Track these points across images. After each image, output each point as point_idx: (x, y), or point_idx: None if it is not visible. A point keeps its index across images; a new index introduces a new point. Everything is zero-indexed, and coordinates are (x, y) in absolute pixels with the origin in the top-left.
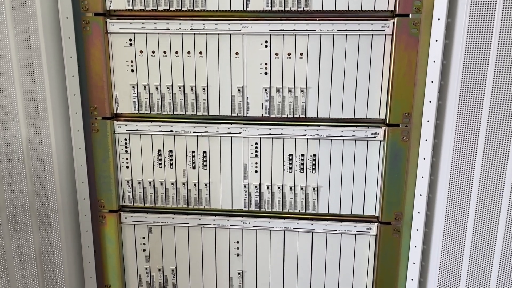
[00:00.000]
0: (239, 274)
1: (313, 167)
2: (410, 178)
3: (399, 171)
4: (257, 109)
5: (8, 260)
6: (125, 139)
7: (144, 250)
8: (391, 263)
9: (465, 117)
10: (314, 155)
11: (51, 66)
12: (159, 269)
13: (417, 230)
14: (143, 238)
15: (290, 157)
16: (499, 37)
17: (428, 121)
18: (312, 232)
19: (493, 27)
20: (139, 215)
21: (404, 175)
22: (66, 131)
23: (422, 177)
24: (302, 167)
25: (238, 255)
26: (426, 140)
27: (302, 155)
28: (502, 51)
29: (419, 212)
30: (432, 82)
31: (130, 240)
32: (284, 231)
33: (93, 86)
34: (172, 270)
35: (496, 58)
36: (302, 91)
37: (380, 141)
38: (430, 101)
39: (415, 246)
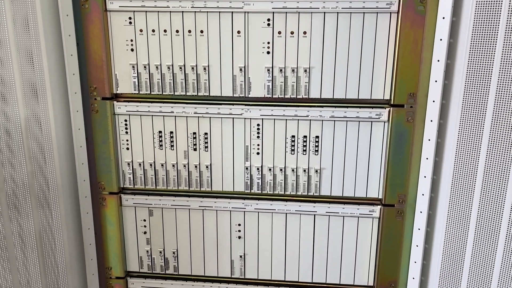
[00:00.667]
0: (240, 256)
1: (316, 149)
2: (415, 160)
3: (403, 152)
4: (259, 90)
5: (8, 241)
6: (125, 120)
7: (145, 233)
8: (394, 245)
9: (472, 97)
10: (317, 137)
11: (49, 45)
12: (160, 252)
13: (420, 212)
14: (144, 220)
15: (293, 139)
16: (508, 13)
17: (433, 101)
18: (314, 215)
19: (502, 2)
20: (140, 197)
21: (408, 157)
22: (65, 111)
23: (427, 158)
24: (304, 149)
25: (239, 237)
26: (431, 120)
27: (305, 136)
28: (511, 29)
29: (423, 194)
30: (438, 61)
31: (131, 222)
32: (286, 213)
33: (92, 65)
34: (173, 253)
35: (505, 36)
36: (305, 71)
37: (384, 122)
38: (436, 81)
39: (419, 229)
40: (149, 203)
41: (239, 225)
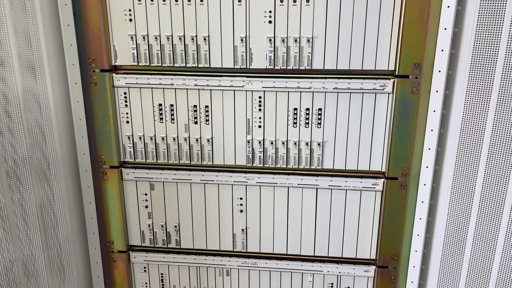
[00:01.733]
0: (242, 230)
1: (319, 121)
2: (419, 132)
3: (407, 124)
4: (261, 61)
5: (9, 215)
6: (125, 93)
7: (146, 207)
8: (397, 219)
9: (479, 67)
10: (320, 109)
11: (46, 14)
12: (162, 226)
13: (424, 185)
14: (145, 194)
15: (295, 111)
16: None
17: (439, 71)
18: (317, 188)
19: None
20: (141, 171)
21: (412, 129)
22: (64, 83)
23: (432, 130)
24: (307, 121)
25: (241, 211)
26: (436, 91)
27: (308, 109)
28: None
29: (427, 167)
30: (445, 29)
31: (132, 196)
32: (288, 187)
33: (90, 36)
34: (175, 227)
35: None
36: (308, 41)
37: (389, 93)
38: (442, 50)
39: (422, 202)
40: (150, 177)
41: (241, 199)
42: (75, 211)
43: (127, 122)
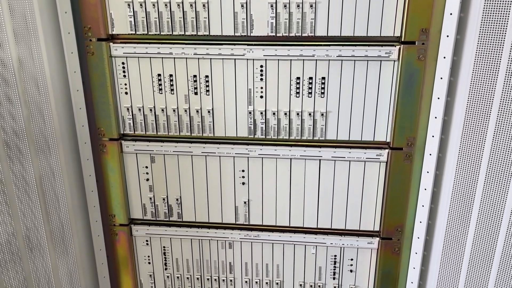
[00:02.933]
0: (244, 202)
1: (322, 91)
2: (425, 101)
3: (413, 93)
4: (262, 28)
5: (9, 189)
6: (123, 63)
7: (147, 180)
8: (402, 190)
9: (488, 31)
10: (323, 78)
11: None
12: (164, 199)
13: (430, 154)
14: (146, 167)
15: (298, 81)
16: None
17: (447, 36)
18: (320, 160)
19: None
20: (141, 144)
21: (418, 98)
22: (59, 53)
23: (438, 98)
24: (310, 91)
25: (243, 183)
26: (444, 57)
27: (311, 78)
28: None
29: (433, 136)
30: None
31: (133, 169)
32: (290, 159)
33: (86, 3)
34: (177, 200)
35: None
36: (311, 6)
37: (394, 61)
38: (451, 14)
39: (428, 172)
40: (150, 149)
41: (243, 171)
42: (75, 185)
43: (126, 93)
